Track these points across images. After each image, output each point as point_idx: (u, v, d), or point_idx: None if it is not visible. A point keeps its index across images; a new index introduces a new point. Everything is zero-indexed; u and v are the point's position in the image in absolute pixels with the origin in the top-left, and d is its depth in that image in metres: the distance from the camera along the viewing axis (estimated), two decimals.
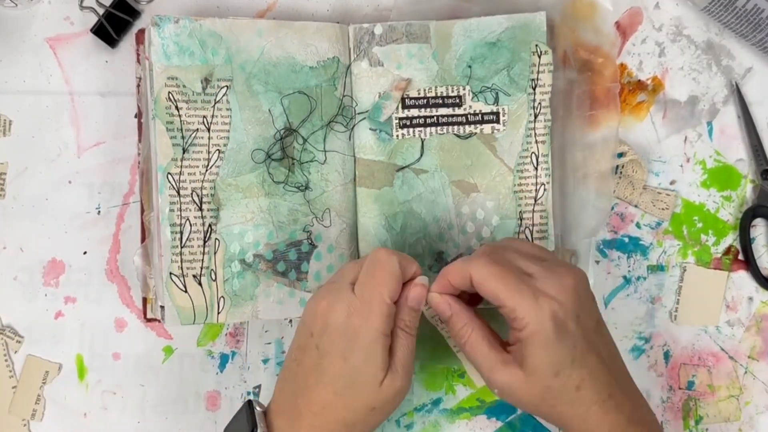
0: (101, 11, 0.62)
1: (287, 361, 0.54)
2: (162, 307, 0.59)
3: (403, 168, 0.61)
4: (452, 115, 0.61)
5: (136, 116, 0.62)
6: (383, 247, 0.55)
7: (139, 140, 0.62)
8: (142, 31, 0.61)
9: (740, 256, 0.64)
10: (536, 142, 0.61)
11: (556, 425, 0.53)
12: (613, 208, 0.64)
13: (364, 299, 0.51)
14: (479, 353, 0.52)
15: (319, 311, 0.52)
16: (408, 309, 0.53)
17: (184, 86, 0.58)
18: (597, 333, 0.52)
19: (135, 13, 0.63)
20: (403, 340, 0.52)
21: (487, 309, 0.55)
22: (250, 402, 0.53)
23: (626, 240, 0.64)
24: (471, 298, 0.56)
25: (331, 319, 0.51)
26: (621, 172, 0.64)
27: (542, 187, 0.61)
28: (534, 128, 0.61)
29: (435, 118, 0.61)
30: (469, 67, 0.61)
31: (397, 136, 0.61)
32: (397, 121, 0.61)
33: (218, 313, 0.59)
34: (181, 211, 0.58)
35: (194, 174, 0.59)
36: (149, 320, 0.62)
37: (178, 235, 0.58)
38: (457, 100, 0.61)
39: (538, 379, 0.50)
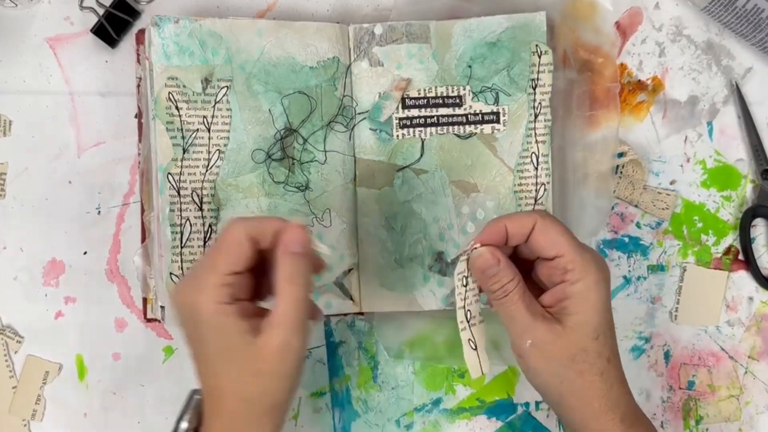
0: (101, 11, 0.62)
1: None
2: (162, 307, 0.59)
3: (403, 168, 0.61)
4: (452, 115, 0.61)
5: (136, 116, 0.62)
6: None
7: (139, 140, 0.62)
8: (142, 31, 0.61)
9: (740, 256, 0.64)
10: (536, 142, 0.61)
11: (568, 406, 0.51)
12: (613, 208, 0.64)
13: (201, 274, 0.48)
14: (524, 304, 0.51)
15: (175, 301, 0.50)
16: (289, 256, 0.48)
17: (184, 86, 0.58)
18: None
19: (135, 13, 0.63)
20: (286, 292, 0.48)
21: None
22: (195, 390, 0.52)
23: (626, 240, 0.64)
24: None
25: (178, 307, 0.49)
26: (621, 172, 0.64)
27: (542, 187, 0.61)
28: (534, 128, 0.61)
29: (435, 118, 0.61)
30: (469, 67, 0.61)
31: (397, 136, 0.61)
32: (397, 121, 0.61)
33: None
34: (181, 211, 0.58)
35: (194, 174, 0.59)
36: (149, 320, 0.62)
37: (179, 235, 0.58)
38: (457, 100, 0.61)
39: (578, 337, 0.50)
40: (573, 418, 0.52)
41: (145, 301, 0.61)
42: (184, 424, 0.51)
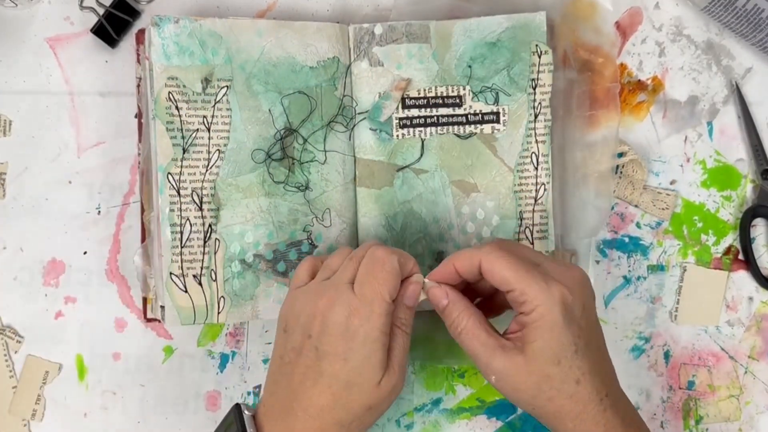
0: (101, 11, 0.62)
1: (276, 362, 0.53)
2: (162, 307, 0.59)
3: (403, 168, 0.61)
4: (452, 115, 0.61)
5: (136, 116, 0.62)
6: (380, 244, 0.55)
7: (139, 140, 0.62)
8: (142, 31, 0.61)
9: (740, 256, 0.64)
10: (536, 142, 0.61)
11: (549, 425, 0.52)
12: (613, 208, 0.64)
13: (365, 298, 0.50)
14: (477, 340, 0.51)
15: (319, 311, 0.50)
16: (404, 307, 0.53)
17: (184, 86, 0.58)
18: (597, 329, 0.52)
19: (135, 13, 0.63)
20: (399, 338, 0.52)
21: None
22: (238, 405, 0.52)
23: (626, 240, 0.64)
24: (464, 293, 0.56)
25: (331, 320, 0.50)
26: (621, 172, 0.64)
27: (542, 187, 0.61)
28: (534, 128, 0.61)
29: (435, 118, 0.61)
30: (469, 67, 0.61)
31: (397, 136, 0.61)
32: (397, 121, 0.61)
33: (218, 313, 0.59)
34: (181, 211, 0.58)
35: (194, 174, 0.59)
36: (149, 320, 0.62)
37: (178, 235, 0.58)
38: (457, 100, 0.61)
39: (539, 365, 0.50)
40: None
41: (145, 301, 0.61)
42: None
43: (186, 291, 0.58)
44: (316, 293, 0.52)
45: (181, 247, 0.58)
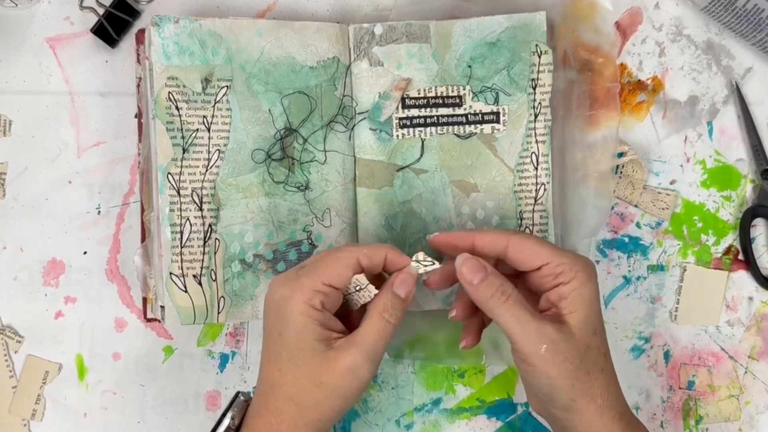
0: (101, 11, 0.62)
1: None
2: (162, 307, 0.59)
3: (403, 168, 0.61)
4: (452, 115, 0.61)
5: (136, 116, 0.62)
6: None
7: (139, 140, 0.62)
8: (142, 31, 0.61)
9: (740, 256, 0.64)
10: (536, 141, 0.61)
11: (573, 412, 0.51)
12: (613, 208, 0.64)
13: (302, 276, 0.51)
14: (525, 308, 0.50)
15: (269, 294, 0.52)
16: (391, 294, 0.52)
17: (184, 86, 0.58)
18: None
19: (135, 13, 0.63)
20: (375, 322, 0.51)
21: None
22: (238, 393, 0.54)
23: (626, 240, 0.64)
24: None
25: (270, 299, 0.51)
26: (621, 172, 0.64)
27: (542, 187, 0.61)
28: (534, 128, 0.61)
29: (435, 118, 0.61)
30: (469, 67, 0.61)
31: (397, 136, 0.61)
32: (397, 121, 0.61)
33: (218, 313, 0.59)
34: (181, 211, 0.58)
35: (194, 174, 0.59)
36: (149, 320, 0.62)
37: (178, 235, 0.58)
38: (457, 100, 0.61)
39: (582, 335, 0.50)
40: (578, 420, 0.51)
41: (145, 301, 0.61)
42: (227, 421, 0.52)
43: (186, 291, 0.58)
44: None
45: (181, 247, 0.58)
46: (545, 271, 0.51)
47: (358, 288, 0.52)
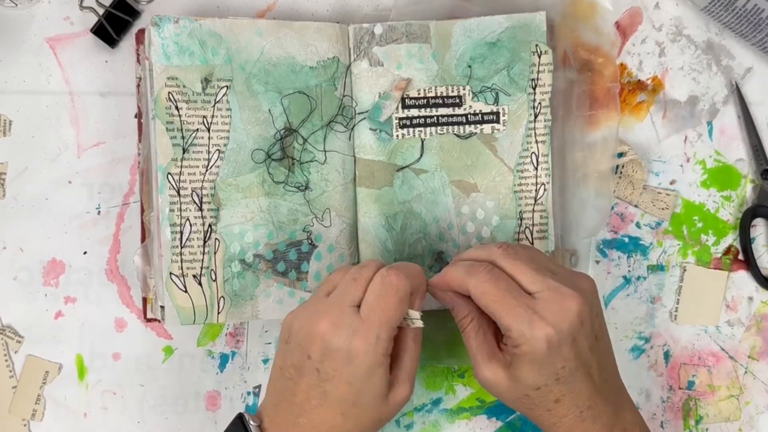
0: (101, 11, 0.62)
1: (278, 374, 0.53)
2: (162, 307, 0.59)
3: (403, 168, 0.61)
4: (452, 115, 0.61)
5: (136, 116, 0.62)
6: (381, 258, 0.56)
7: (139, 140, 0.62)
8: (142, 31, 0.61)
9: (740, 256, 0.64)
10: (536, 142, 0.61)
11: (542, 424, 0.54)
12: (613, 208, 0.64)
13: (372, 324, 0.49)
14: (471, 344, 0.53)
15: (319, 333, 0.50)
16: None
17: (184, 86, 0.58)
18: (593, 349, 0.51)
19: (135, 13, 0.63)
20: (412, 350, 0.53)
21: None
22: (241, 415, 0.52)
23: (626, 240, 0.64)
24: None
25: (334, 344, 0.49)
26: (621, 172, 0.64)
27: (542, 187, 0.61)
28: (534, 128, 0.61)
29: (435, 118, 0.61)
30: (469, 67, 0.61)
31: (397, 136, 0.61)
32: (397, 121, 0.61)
33: (218, 313, 0.59)
34: (181, 211, 0.58)
35: (194, 174, 0.59)
36: (149, 320, 0.62)
37: (178, 235, 0.58)
38: (457, 100, 0.61)
39: (520, 387, 0.51)
40: None
41: (145, 301, 0.61)
42: None
43: (186, 291, 0.58)
44: (316, 313, 0.51)
45: (181, 247, 0.58)
46: (498, 324, 0.51)
47: (407, 322, 0.52)
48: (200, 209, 0.59)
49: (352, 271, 0.52)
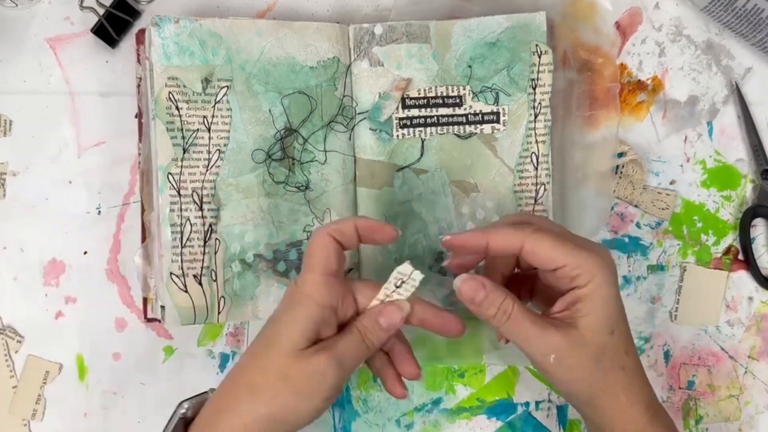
0: (101, 11, 0.62)
1: None
2: (162, 307, 0.59)
3: (403, 168, 0.61)
4: (452, 115, 0.61)
5: (136, 116, 0.62)
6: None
7: (140, 140, 0.62)
8: (142, 31, 0.61)
9: (740, 256, 0.64)
10: (536, 142, 0.61)
11: (594, 407, 0.51)
12: (613, 208, 0.64)
13: (303, 267, 0.51)
14: (529, 320, 0.50)
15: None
16: (374, 321, 0.51)
17: (184, 86, 0.58)
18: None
19: (135, 13, 0.63)
20: (353, 339, 0.51)
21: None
22: (213, 389, 0.53)
23: (626, 240, 0.64)
24: None
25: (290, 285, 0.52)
26: (621, 172, 0.64)
27: (542, 187, 0.61)
28: (534, 128, 0.61)
29: (435, 118, 0.61)
30: (469, 67, 0.61)
31: (397, 136, 0.61)
32: (397, 121, 0.61)
33: (218, 313, 0.59)
34: (181, 211, 0.58)
35: (194, 174, 0.59)
36: (149, 320, 0.62)
37: (179, 235, 0.58)
38: (458, 100, 0.61)
39: (596, 336, 0.49)
40: (602, 416, 0.51)
41: (145, 301, 0.61)
42: (182, 410, 0.53)
43: (186, 291, 0.58)
44: None
45: (181, 247, 0.58)
46: (561, 273, 0.50)
47: (400, 283, 0.51)
48: (200, 209, 0.59)
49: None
